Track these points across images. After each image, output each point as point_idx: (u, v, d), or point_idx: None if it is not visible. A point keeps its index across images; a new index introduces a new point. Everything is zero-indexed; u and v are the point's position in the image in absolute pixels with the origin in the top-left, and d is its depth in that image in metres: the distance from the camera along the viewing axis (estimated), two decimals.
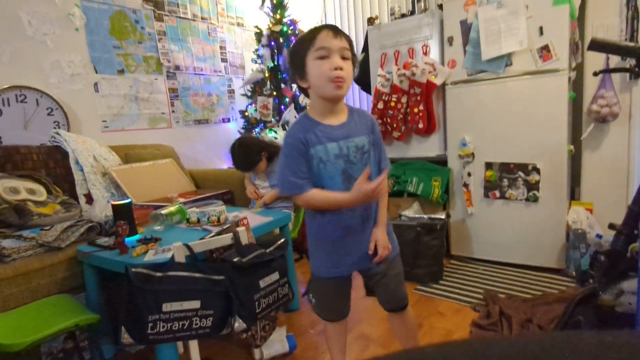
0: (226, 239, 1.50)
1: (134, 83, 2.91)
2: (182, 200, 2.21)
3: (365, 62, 2.93)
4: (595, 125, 2.40)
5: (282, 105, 3.29)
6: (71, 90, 2.56)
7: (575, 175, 2.54)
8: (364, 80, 3.00)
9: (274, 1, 3.31)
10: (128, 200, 1.68)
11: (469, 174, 2.46)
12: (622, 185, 2.39)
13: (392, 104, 2.66)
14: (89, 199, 2.23)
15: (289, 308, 2.06)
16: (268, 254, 1.55)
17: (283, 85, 3.33)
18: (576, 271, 2.13)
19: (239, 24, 3.73)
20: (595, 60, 2.37)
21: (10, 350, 1.18)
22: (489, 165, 2.39)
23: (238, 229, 1.54)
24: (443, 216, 2.37)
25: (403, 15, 2.75)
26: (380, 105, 2.73)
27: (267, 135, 3.12)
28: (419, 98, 2.54)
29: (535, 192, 2.25)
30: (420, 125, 2.55)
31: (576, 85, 2.44)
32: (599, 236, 2.16)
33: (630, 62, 2.18)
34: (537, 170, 2.24)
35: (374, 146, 1.15)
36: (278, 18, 3.27)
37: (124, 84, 2.85)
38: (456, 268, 2.47)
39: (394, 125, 2.66)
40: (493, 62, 2.27)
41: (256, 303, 1.46)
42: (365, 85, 3.04)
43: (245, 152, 2.16)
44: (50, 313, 1.39)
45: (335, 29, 1.06)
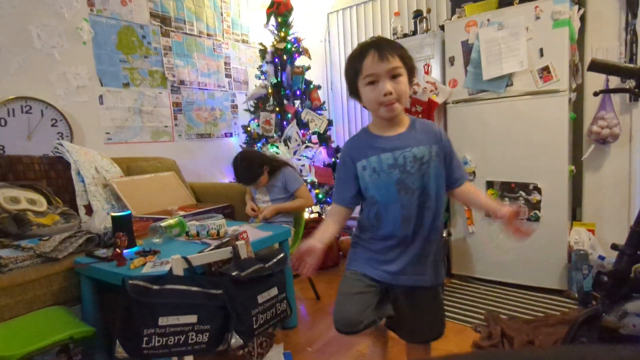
0: (225, 253, 1.49)
1: (139, 96, 2.94)
2: (182, 213, 2.20)
3: None
4: (596, 146, 2.41)
5: (285, 121, 3.32)
6: (76, 102, 2.59)
7: (577, 195, 2.53)
8: None
9: (279, 19, 3.37)
10: (127, 212, 1.67)
11: None
12: (624, 206, 2.38)
13: None
14: (89, 210, 2.22)
15: (287, 325, 2.02)
16: (267, 269, 1.54)
17: (285, 102, 3.36)
18: (578, 292, 2.10)
19: (243, 41, 3.79)
20: (595, 82, 2.40)
21: None
22: (490, 184, 2.39)
23: (237, 242, 1.53)
24: (444, 234, 2.35)
25: (405, 35, 2.80)
26: None
27: (269, 150, 3.13)
28: (420, 116, 2.56)
29: (537, 212, 2.24)
30: None
31: (576, 106, 2.46)
32: (602, 257, 2.14)
33: (630, 84, 2.21)
34: (539, 190, 2.23)
35: (438, 157, 1.12)
36: (282, 36, 3.33)
37: (129, 97, 2.88)
38: (457, 287, 2.44)
39: None
40: (494, 82, 2.30)
41: (254, 319, 1.43)
42: None
43: (248, 166, 2.17)
44: (45, 325, 1.37)
45: (380, 50, 1.04)
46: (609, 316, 1.20)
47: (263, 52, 3.41)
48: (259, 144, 3.35)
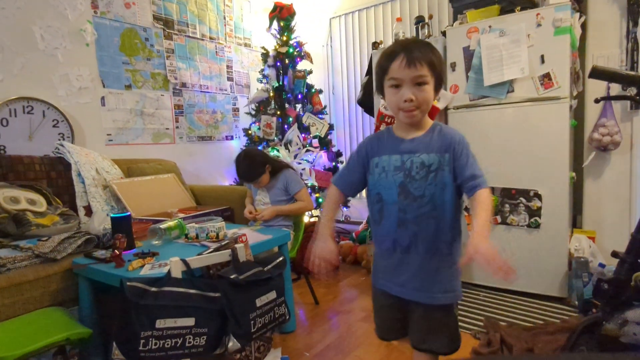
0: (224, 256, 1.48)
1: (141, 98, 2.95)
2: (182, 215, 2.20)
3: (369, 85, 2.97)
4: (597, 154, 2.41)
5: (286, 125, 3.32)
6: (78, 103, 2.60)
7: (578, 203, 2.53)
8: (367, 102, 3.04)
9: (281, 24, 3.38)
10: (127, 214, 1.67)
11: None
12: (625, 213, 2.37)
13: None
14: (89, 211, 2.22)
15: (285, 329, 2.01)
16: (266, 272, 1.53)
17: (287, 105, 3.37)
18: (578, 300, 2.09)
19: (246, 45, 3.80)
20: (596, 90, 2.40)
21: None
22: (490, 190, 2.38)
23: (236, 245, 1.52)
24: None
25: None
26: (382, 128, 2.74)
27: (270, 153, 3.13)
28: None
29: (537, 219, 2.24)
30: None
31: (577, 113, 2.46)
32: (602, 265, 2.13)
33: (631, 91, 2.21)
34: (539, 197, 2.23)
35: (449, 165, 1.07)
36: (284, 40, 3.34)
37: (131, 99, 2.89)
38: None
39: None
40: (495, 88, 2.30)
41: (252, 322, 1.43)
42: (368, 108, 3.08)
43: (250, 163, 2.16)
44: (42, 326, 1.36)
45: (410, 55, 1.01)
46: (610, 324, 1.20)
47: (265, 56, 3.43)
48: (259, 147, 3.36)
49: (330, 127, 3.42)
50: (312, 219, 3.28)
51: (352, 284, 2.72)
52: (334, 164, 3.43)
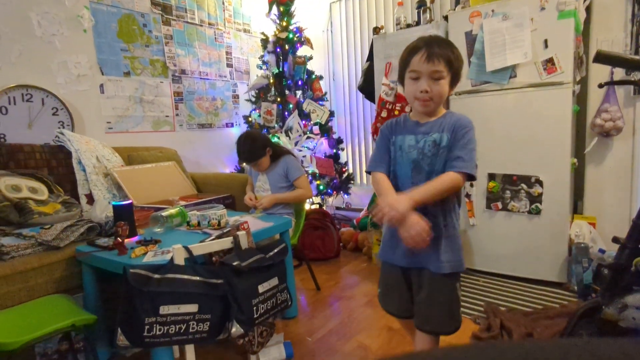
0: (226, 243, 1.49)
1: (140, 85, 2.92)
2: (183, 203, 2.20)
3: (370, 71, 2.94)
4: (599, 139, 2.39)
5: (286, 112, 3.30)
6: (77, 90, 2.58)
7: (579, 189, 2.53)
8: (368, 88, 3.01)
9: (281, 9, 3.33)
10: (129, 202, 1.67)
11: (472, 185, 2.45)
12: (626, 199, 2.37)
13: (396, 112, 2.67)
14: (90, 199, 2.23)
15: (287, 315, 2.04)
16: (267, 259, 1.54)
17: (287, 92, 3.34)
18: (578, 285, 2.10)
19: (245, 30, 3.76)
20: (599, 75, 2.37)
21: (5, 349, 1.17)
22: (491, 177, 2.38)
23: (238, 233, 1.53)
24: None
25: (408, 26, 2.77)
26: (384, 114, 2.73)
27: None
28: None
29: (538, 205, 2.24)
30: None
31: (580, 99, 2.44)
32: (602, 251, 2.14)
33: (635, 76, 2.19)
34: (540, 183, 2.23)
35: (448, 144, 1.16)
36: (284, 25, 3.30)
37: (130, 86, 2.87)
38: None
39: None
40: (497, 74, 2.28)
41: (254, 308, 1.44)
42: (369, 94, 3.05)
43: (251, 145, 2.15)
44: (47, 312, 1.38)
45: (430, 51, 1.11)
46: (609, 309, 1.21)
47: (265, 42, 3.39)
48: None
49: (331, 114, 3.40)
50: (313, 206, 3.29)
51: (354, 271, 2.74)
52: (334, 151, 3.42)
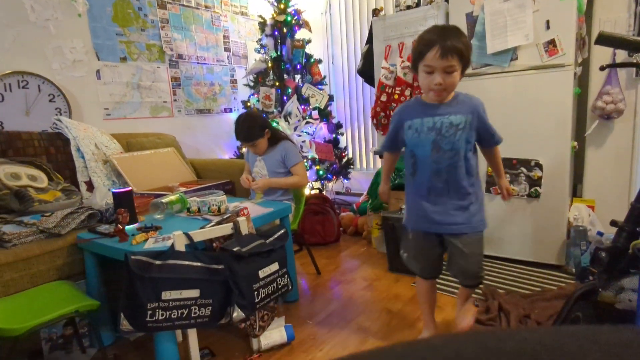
0: (226, 229, 1.50)
1: (137, 71, 2.89)
2: (183, 189, 2.21)
3: (369, 54, 2.91)
4: (600, 122, 2.38)
5: (285, 96, 3.27)
6: (73, 77, 2.55)
7: (578, 172, 2.52)
8: (368, 72, 2.98)
9: None
10: (128, 188, 1.68)
11: None
12: (625, 182, 2.37)
13: (396, 96, 2.65)
14: (90, 186, 2.23)
15: (288, 299, 2.06)
16: (268, 245, 1.55)
17: (286, 76, 3.31)
18: (576, 268, 2.12)
19: (242, 13, 3.69)
20: (601, 56, 2.34)
21: (10, 334, 1.19)
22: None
23: (238, 219, 1.54)
24: None
25: (408, 7, 2.72)
26: (383, 98, 2.71)
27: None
28: (419, 92, 2.51)
29: (537, 188, 2.24)
30: None
31: (581, 81, 2.41)
32: (600, 233, 2.15)
33: (638, 58, 2.16)
34: (540, 166, 2.22)
35: (471, 125, 1.33)
36: (282, 8, 3.24)
37: (127, 72, 2.84)
38: None
39: None
40: (498, 56, 2.25)
41: (255, 293, 1.46)
42: (369, 78, 3.02)
43: (250, 125, 2.12)
44: (51, 299, 1.40)
45: (444, 47, 1.20)
46: (606, 291, 1.22)
47: (262, 25, 3.33)
48: None
49: (330, 98, 3.37)
50: (313, 191, 3.30)
51: (353, 255, 2.77)
52: (334, 135, 3.41)
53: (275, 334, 1.64)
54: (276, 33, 3.26)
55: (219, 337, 1.76)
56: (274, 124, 3.15)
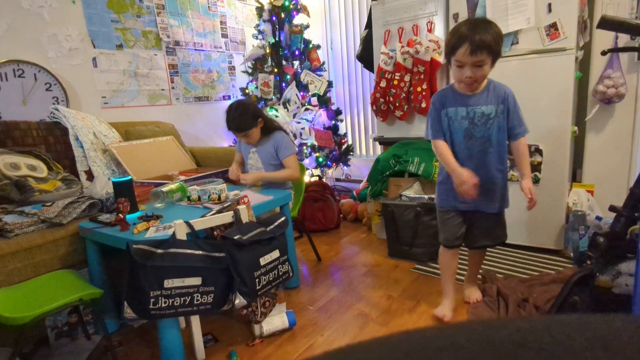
0: (227, 217, 1.51)
1: (133, 58, 2.86)
2: (183, 178, 2.21)
3: (368, 40, 2.87)
4: (601, 107, 2.37)
5: (283, 83, 3.25)
6: (69, 65, 2.53)
7: (578, 156, 2.52)
8: (367, 57, 2.95)
9: None
10: (129, 178, 1.68)
11: None
12: (625, 167, 2.37)
13: (395, 82, 2.62)
14: (90, 175, 2.23)
15: (289, 285, 2.09)
16: (268, 232, 1.56)
17: (284, 62, 3.27)
18: (574, 252, 2.14)
19: None
20: (603, 40, 2.31)
21: (16, 323, 1.20)
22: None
23: (239, 207, 1.54)
24: None
25: None
26: (382, 84, 2.69)
27: (268, 113, 3.09)
28: (422, 76, 2.50)
29: (537, 174, 2.25)
30: (424, 105, 2.52)
31: (583, 65, 2.39)
32: (599, 218, 2.16)
33: None
34: (540, 152, 2.22)
35: (503, 114, 1.45)
36: None
37: (123, 60, 2.81)
38: None
39: (397, 104, 2.63)
40: None
41: (256, 280, 1.48)
42: (368, 63, 2.99)
43: (242, 113, 2.03)
44: (55, 287, 1.41)
45: (473, 44, 1.29)
46: (603, 276, 1.24)
47: (260, 10, 3.28)
48: (258, 107, 3.30)
49: (329, 84, 3.35)
50: (313, 179, 3.30)
51: (353, 241, 2.79)
52: (333, 122, 3.39)
53: (276, 320, 1.67)
54: (274, 18, 3.22)
55: (221, 324, 1.79)
56: (273, 111, 3.13)
